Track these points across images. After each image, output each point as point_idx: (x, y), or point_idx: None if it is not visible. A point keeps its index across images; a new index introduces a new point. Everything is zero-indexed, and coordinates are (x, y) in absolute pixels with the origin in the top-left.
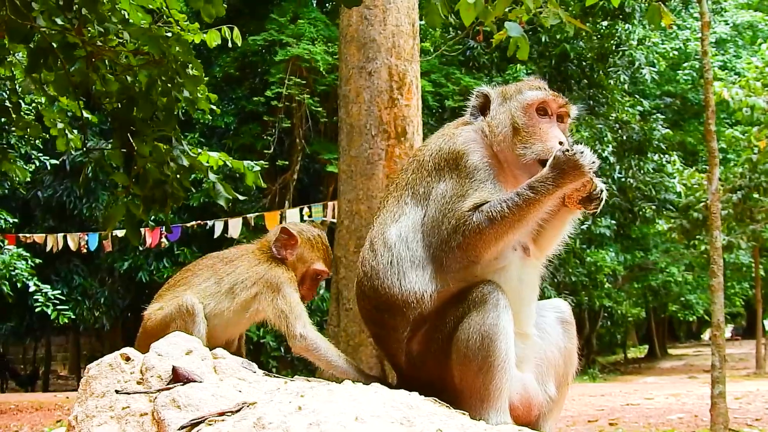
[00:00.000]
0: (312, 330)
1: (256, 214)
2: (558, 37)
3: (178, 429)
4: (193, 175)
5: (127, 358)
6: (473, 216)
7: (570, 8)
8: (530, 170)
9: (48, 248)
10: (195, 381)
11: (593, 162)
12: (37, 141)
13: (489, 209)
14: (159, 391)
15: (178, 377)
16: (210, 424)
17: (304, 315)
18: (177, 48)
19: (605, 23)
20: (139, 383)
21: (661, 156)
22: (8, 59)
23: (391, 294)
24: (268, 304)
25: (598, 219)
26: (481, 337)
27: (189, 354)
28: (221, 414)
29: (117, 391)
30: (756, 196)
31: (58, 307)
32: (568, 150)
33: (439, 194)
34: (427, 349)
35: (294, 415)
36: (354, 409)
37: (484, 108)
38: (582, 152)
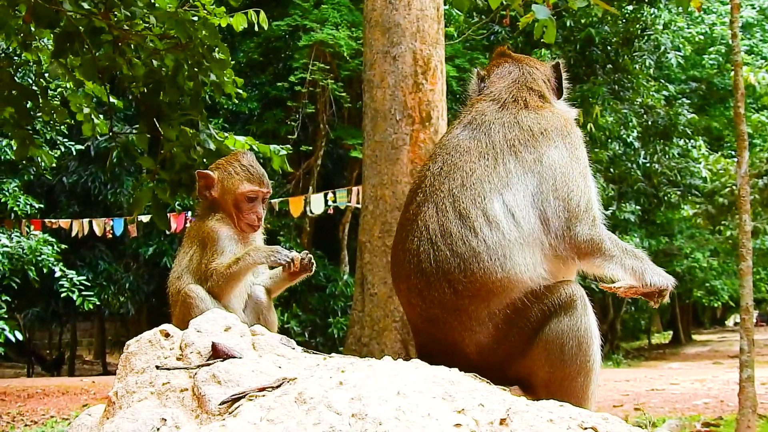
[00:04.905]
0: (213, 282)
1: (281, 199)
2: (583, 21)
3: (219, 404)
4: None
5: (167, 335)
6: (599, 230)
7: None
8: None
9: (73, 234)
10: (234, 357)
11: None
12: (62, 126)
13: (617, 245)
14: (199, 366)
15: (217, 353)
16: (251, 399)
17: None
18: (203, 32)
19: (630, 7)
20: (178, 359)
21: (687, 141)
22: (35, 44)
23: (489, 279)
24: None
25: (623, 204)
26: (578, 341)
27: (227, 330)
28: (262, 389)
29: (157, 367)
30: None
31: (83, 292)
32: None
33: (554, 163)
34: (497, 342)
35: (335, 390)
36: (395, 384)
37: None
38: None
